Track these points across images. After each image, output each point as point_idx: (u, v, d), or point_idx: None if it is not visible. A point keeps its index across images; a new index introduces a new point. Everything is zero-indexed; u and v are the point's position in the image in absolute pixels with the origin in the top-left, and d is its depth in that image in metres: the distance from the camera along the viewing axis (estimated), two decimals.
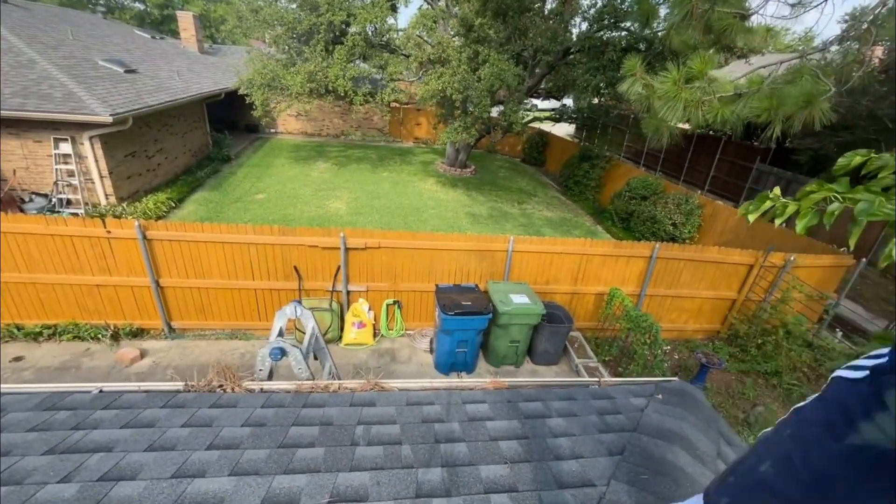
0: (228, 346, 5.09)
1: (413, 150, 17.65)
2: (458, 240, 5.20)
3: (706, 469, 1.43)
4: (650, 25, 7.97)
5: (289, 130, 18.26)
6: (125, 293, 4.81)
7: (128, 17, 29.20)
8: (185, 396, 1.74)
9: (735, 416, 4.72)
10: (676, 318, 6.03)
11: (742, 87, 3.35)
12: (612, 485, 1.34)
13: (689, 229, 9.13)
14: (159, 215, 8.44)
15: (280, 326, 2.61)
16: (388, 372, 4.86)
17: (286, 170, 12.70)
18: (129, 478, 1.25)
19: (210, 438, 1.46)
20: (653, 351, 4.66)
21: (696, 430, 1.63)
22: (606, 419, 1.77)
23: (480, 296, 4.77)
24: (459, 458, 1.47)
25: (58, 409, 1.60)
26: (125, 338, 4.95)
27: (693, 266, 5.64)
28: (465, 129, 10.49)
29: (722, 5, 3.37)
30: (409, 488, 1.30)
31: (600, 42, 10.42)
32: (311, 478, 1.30)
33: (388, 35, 11.62)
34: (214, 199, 9.83)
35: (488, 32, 10.22)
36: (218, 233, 4.64)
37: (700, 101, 3.31)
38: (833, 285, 6.10)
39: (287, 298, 5.12)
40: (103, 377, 4.39)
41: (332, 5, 10.31)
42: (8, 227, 4.25)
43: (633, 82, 3.79)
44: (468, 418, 1.70)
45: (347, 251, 4.98)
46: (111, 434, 1.46)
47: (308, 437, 1.51)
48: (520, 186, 13.70)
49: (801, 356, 5.29)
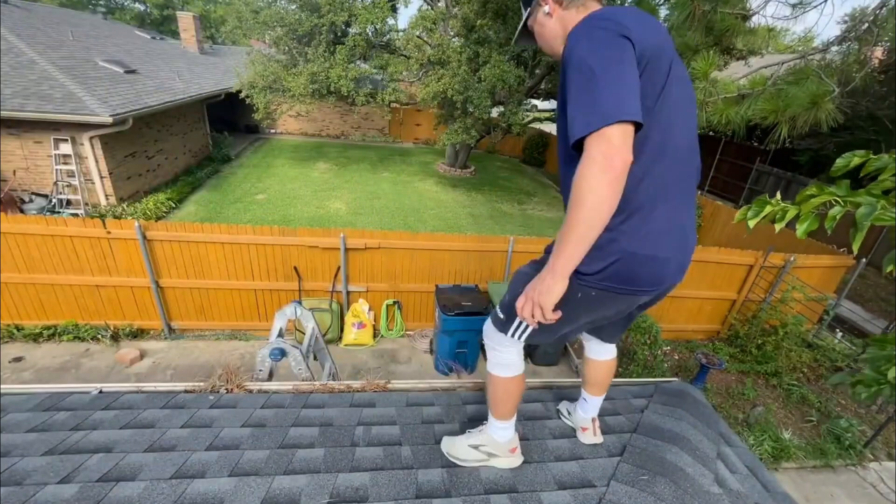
0: (228, 346, 5.09)
1: (413, 150, 17.65)
2: (458, 240, 5.20)
3: (706, 469, 1.43)
4: None
5: (289, 131, 18.26)
6: (125, 293, 4.81)
7: (128, 18, 29.21)
8: (185, 397, 1.74)
9: (735, 417, 4.72)
10: (676, 318, 6.03)
11: (744, 89, 3.35)
12: (611, 485, 1.34)
13: None
14: (159, 216, 8.44)
15: (280, 327, 2.60)
16: (388, 372, 4.86)
17: (286, 170, 12.70)
18: (129, 478, 1.25)
19: (210, 439, 1.46)
20: (653, 351, 4.66)
21: (696, 431, 1.63)
22: (606, 420, 1.77)
23: (480, 296, 4.77)
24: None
25: (57, 409, 1.60)
26: (125, 338, 4.95)
27: (693, 266, 5.59)
28: (465, 131, 10.48)
29: (723, 6, 3.37)
30: (409, 489, 1.30)
31: None
32: (310, 478, 1.30)
33: (389, 36, 11.62)
34: (214, 200, 9.83)
35: (489, 33, 10.22)
36: (218, 233, 4.64)
37: (704, 102, 3.31)
38: (833, 286, 6.10)
39: (287, 299, 5.12)
40: (103, 378, 4.39)
41: (333, 6, 10.30)
42: (8, 227, 4.25)
43: None
44: (468, 419, 1.70)
45: (347, 251, 4.98)
46: (111, 435, 1.46)
47: (308, 438, 1.51)
48: (520, 187, 13.69)
49: (800, 356, 5.28)
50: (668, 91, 1.06)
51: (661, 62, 1.05)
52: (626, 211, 1.06)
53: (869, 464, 4.32)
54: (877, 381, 1.60)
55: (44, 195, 7.81)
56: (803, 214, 1.52)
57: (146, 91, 9.53)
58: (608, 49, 0.98)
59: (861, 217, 1.33)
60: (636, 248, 1.09)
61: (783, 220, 1.58)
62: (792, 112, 3.03)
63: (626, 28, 1.00)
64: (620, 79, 0.95)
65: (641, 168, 1.04)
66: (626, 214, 1.07)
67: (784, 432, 4.41)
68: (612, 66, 0.96)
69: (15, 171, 7.67)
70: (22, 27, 9.28)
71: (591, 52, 0.98)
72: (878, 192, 1.41)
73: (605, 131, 0.91)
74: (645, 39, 1.01)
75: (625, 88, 0.94)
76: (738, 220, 1.72)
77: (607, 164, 0.92)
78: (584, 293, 1.15)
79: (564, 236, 1.01)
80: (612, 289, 1.14)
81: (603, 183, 0.93)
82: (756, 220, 1.63)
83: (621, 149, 0.92)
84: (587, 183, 0.94)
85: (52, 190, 7.77)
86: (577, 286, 1.12)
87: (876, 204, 1.33)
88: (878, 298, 8.06)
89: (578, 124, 0.96)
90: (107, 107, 7.54)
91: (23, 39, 8.59)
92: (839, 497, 3.94)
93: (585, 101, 0.96)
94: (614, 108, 0.92)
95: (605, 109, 0.92)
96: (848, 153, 1.58)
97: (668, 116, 1.07)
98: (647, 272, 1.13)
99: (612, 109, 0.92)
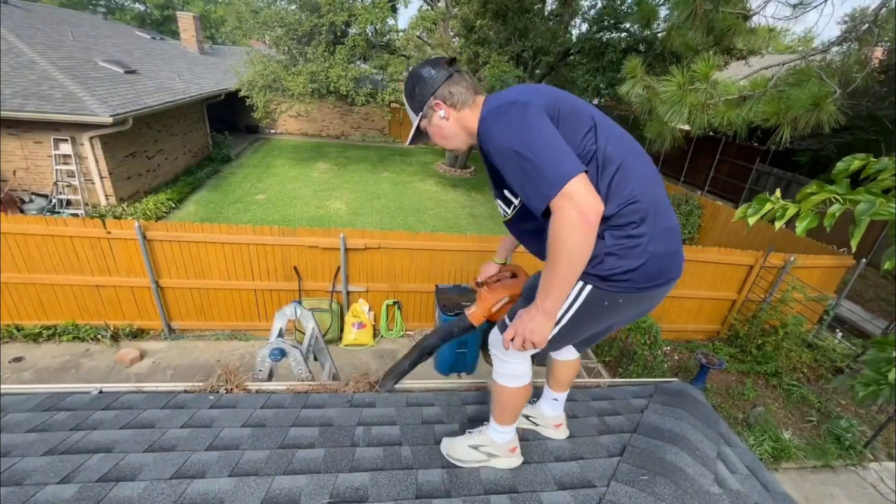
0: (228, 346, 5.09)
1: (413, 150, 17.64)
2: (457, 240, 5.20)
3: (706, 469, 1.43)
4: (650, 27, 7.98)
5: (289, 131, 18.25)
6: (125, 294, 4.80)
7: (128, 18, 29.21)
8: (185, 397, 1.74)
9: (735, 417, 4.72)
10: (676, 318, 6.03)
11: (745, 90, 3.34)
12: (611, 486, 1.34)
13: (689, 230, 9.14)
14: (159, 216, 8.44)
15: (280, 327, 2.60)
16: None
17: (286, 170, 12.70)
18: (129, 478, 1.25)
19: (210, 439, 1.46)
20: (653, 352, 4.66)
21: (696, 431, 1.63)
22: (606, 420, 1.77)
23: None
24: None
25: (57, 409, 1.60)
26: (125, 338, 4.95)
27: (693, 266, 5.64)
28: None
29: (724, 6, 3.37)
30: (409, 489, 1.30)
31: (600, 43, 10.43)
32: (310, 478, 1.30)
33: (389, 36, 11.62)
34: (214, 200, 9.83)
35: (488, 34, 10.23)
36: (218, 233, 4.64)
37: (705, 104, 3.30)
38: (833, 286, 6.10)
39: (287, 299, 5.12)
40: (103, 378, 4.39)
41: (333, 6, 10.31)
42: (8, 227, 4.24)
43: (634, 84, 3.79)
44: (468, 419, 1.70)
45: (347, 251, 4.98)
46: (111, 435, 1.46)
47: (308, 438, 1.51)
48: None
49: (800, 356, 5.28)
50: (601, 123, 1.17)
51: (565, 105, 1.15)
52: (638, 217, 1.14)
53: (869, 464, 4.32)
54: (877, 382, 1.61)
55: (44, 195, 7.81)
56: (803, 212, 1.52)
57: (146, 91, 9.53)
58: (524, 125, 1.06)
59: (860, 212, 1.33)
60: (659, 248, 1.16)
61: (783, 218, 1.58)
62: (794, 114, 3.02)
63: (526, 101, 1.10)
64: (550, 146, 1.03)
65: (626, 185, 1.12)
66: (639, 219, 1.14)
67: (784, 432, 4.41)
68: (537, 140, 1.04)
69: (15, 171, 7.67)
70: (22, 27, 9.28)
71: (513, 138, 1.06)
72: (878, 191, 1.41)
73: (567, 191, 0.99)
74: (541, 99, 1.12)
75: (557, 151, 1.03)
76: (737, 217, 1.72)
77: (581, 218, 0.99)
78: (611, 300, 1.20)
79: (551, 282, 1.08)
80: (644, 289, 1.19)
81: (579, 234, 1.01)
82: (756, 217, 1.63)
83: (587, 199, 1.00)
84: (564, 235, 1.01)
85: (52, 190, 7.77)
86: (604, 294, 1.18)
87: (875, 201, 1.33)
88: (878, 298, 8.06)
89: (535, 200, 1.06)
90: (107, 107, 7.54)
91: (23, 39, 8.59)
92: (839, 497, 3.94)
93: (532, 181, 1.04)
94: (559, 174, 1.00)
95: (553, 178, 1.00)
96: (848, 156, 1.59)
97: (611, 138, 1.16)
98: (669, 265, 1.21)
99: (558, 176, 1.00)
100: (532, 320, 1.14)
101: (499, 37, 10.41)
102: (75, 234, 4.40)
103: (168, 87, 10.67)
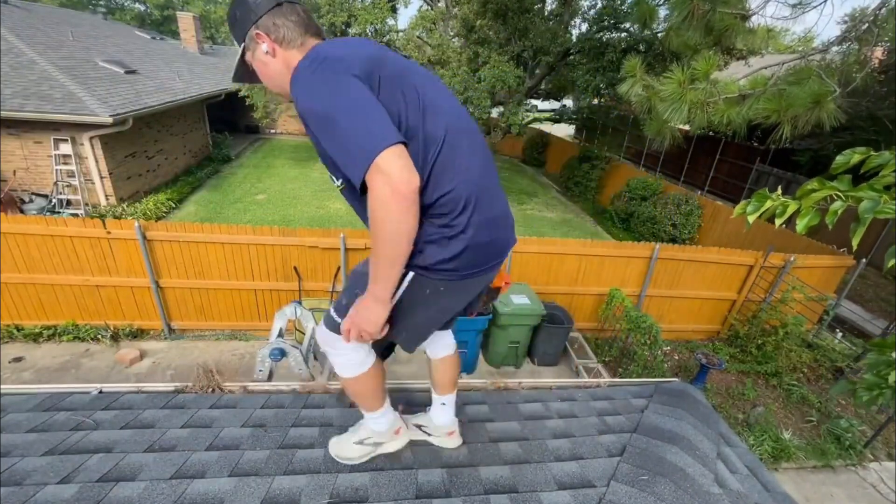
0: (228, 346, 5.09)
1: None
2: None
3: (706, 469, 1.43)
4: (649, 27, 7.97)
5: (289, 131, 18.26)
6: (125, 294, 4.80)
7: (128, 18, 29.23)
8: (185, 397, 1.74)
9: (735, 417, 4.72)
10: (676, 318, 6.03)
11: (745, 89, 3.34)
12: (611, 486, 1.34)
13: (689, 230, 9.13)
14: (159, 216, 8.44)
15: (280, 327, 2.60)
16: (388, 372, 4.85)
17: (286, 170, 12.70)
18: (129, 478, 1.25)
19: (210, 439, 1.46)
20: (653, 352, 4.66)
21: (696, 431, 1.63)
22: (606, 420, 1.77)
23: (480, 296, 4.76)
24: (459, 458, 1.47)
25: (57, 409, 1.60)
26: (125, 338, 4.95)
27: (693, 267, 5.64)
28: None
29: (723, 6, 3.36)
30: (409, 489, 1.30)
31: (600, 43, 10.42)
32: (310, 478, 1.30)
33: (389, 36, 11.62)
34: (214, 200, 9.83)
35: (488, 34, 10.23)
36: (218, 233, 4.64)
37: (705, 102, 3.30)
38: (833, 286, 6.10)
39: (287, 299, 5.12)
40: (103, 378, 4.39)
41: (333, 6, 10.31)
42: (8, 227, 4.24)
43: (633, 83, 3.78)
44: (468, 419, 1.70)
45: (347, 251, 4.98)
46: (111, 435, 1.46)
47: (308, 438, 1.51)
48: (520, 187, 13.70)
49: (800, 356, 5.28)
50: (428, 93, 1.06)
51: (389, 68, 1.03)
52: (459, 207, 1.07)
53: (869, 464, 4.32)
54: (878, 386, 1.60)
55: (44, 195, 7.81)
56: (804, 209, 1.49)
57: (146, 91, 9.53)
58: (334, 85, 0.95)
59: (864, 210, 1.31)
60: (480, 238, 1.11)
61: (784, 215, 1.55)
62: (794, 111, 3.02)
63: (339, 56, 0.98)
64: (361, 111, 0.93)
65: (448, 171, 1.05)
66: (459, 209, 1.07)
67: (784, 432, 4.41)
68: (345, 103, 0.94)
69: (15, 171, 7.67)
70: (22, 27, 9.29)
71: (321, 100, 0.95)
72: (880, 188, 1.39)
73: (379, 164, 0.90)
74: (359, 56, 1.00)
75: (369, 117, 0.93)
76: (737, 214, 1.70)
77: (396, 196, 0.91)
78: (433, 288, 1.15)
79: (377, 266, 1.03)
80: (466, 276, 1.15)
81: (396, 213, 0.93)
82: (755, 214, 1.60)
83: (402, 174, 0.91)
84: (380, 215, 0.94)
85: (52, 190, 7.77)
86: (426, 282, 1.13)
87: (878, 198, 1.32)
88: (879, 298, 8.06)
89: (350, 173, 0.95)
90: (107, 107, 7.54)
91: (23, 39, 8.59)
92: (839, 497, 3.94)
93: (343, 148, 0.95)
94: (371, 144, 0.91)
95: (363, 148, 0.91)
96: (848, 150, 1.57)
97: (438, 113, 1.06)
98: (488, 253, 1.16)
99: (369, 146, 0.91)
100: (366, 308, 1.09)
101: (499, 37, 10.40)
102: (75, 235, 4.39)
103: (168, 87, 10.67)
